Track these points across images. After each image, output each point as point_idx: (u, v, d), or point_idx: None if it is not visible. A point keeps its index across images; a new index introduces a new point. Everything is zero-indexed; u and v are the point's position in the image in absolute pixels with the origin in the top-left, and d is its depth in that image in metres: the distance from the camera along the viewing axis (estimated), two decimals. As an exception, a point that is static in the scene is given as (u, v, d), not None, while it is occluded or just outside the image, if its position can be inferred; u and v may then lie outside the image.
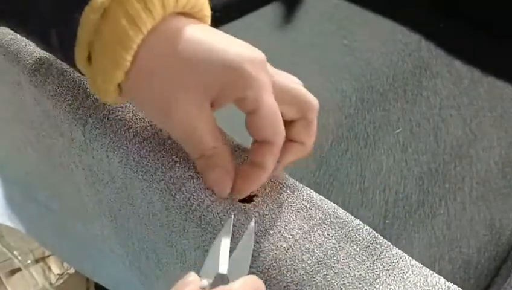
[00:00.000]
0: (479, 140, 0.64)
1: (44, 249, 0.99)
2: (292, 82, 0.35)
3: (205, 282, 0.28)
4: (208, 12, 0.34)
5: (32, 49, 0.42)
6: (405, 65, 0.70)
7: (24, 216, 0.77)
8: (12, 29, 0.40)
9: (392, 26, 0.74)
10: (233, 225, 0.32)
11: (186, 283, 0.28)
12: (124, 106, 0.38)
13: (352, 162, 0.60)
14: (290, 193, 0.33)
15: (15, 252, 1.00)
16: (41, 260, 1.01)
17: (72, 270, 0.99)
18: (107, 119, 0.37)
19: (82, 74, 0.38)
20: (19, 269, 1.00)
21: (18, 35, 0.43)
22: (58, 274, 1.00)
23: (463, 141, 0.63)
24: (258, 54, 0.32)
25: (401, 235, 0.54)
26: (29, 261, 1.00)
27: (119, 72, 0.30)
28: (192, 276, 0.28)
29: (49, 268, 1.01)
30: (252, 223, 0.31)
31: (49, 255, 1.01)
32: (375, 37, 0.73)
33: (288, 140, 0.36)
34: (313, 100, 0.36)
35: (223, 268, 0.29)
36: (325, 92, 0.65)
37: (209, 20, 0.35)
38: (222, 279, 0.29)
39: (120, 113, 0.37)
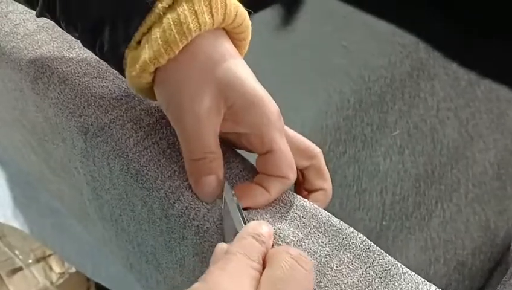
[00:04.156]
0: (475, 142, 0.64)
1: (45, 249, 1.00)
2: (294, 132, 0.38)
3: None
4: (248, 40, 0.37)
5: (34, 57, 0.43)
6: (403, 67, 0.70)
7: (27, 216, 0.77)
8: None
9: (390, 28, 0.75)
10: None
11: (222, 251, 0.29)
12: (124, 114, 0.38)
13: (349, 164, 0.60)
14: (283, 205, 0.34)
15: (16, 252, 1.00)
16: (42, 259, 1.02)
17: (73, 270, 0.99)
18: (108, 127, 0.38)
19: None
20: (20, 269, 1.00)
21: (21, 43, 0.44)
22: (59, 273, 1.01)
23: (459, 143, 0.64)
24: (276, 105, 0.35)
25: (397, 237, 0.55)
26: (30, 261, 1.00)
27: (165, 56, 0.32)
28: (221, 245, 0.29)
29: (50, 267, 1.02)
30: (226, 184, 0.34)
31: (50, 255, 1.01)
32: (374, 39, 0.73)
33: (309, 191, 0.39)
34: (316, 147, 0.39)
35: (241, 227, 0.31)
36: (324, 93, 0.66)
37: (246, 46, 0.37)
38: None
39: (121, 122, 0.38)
